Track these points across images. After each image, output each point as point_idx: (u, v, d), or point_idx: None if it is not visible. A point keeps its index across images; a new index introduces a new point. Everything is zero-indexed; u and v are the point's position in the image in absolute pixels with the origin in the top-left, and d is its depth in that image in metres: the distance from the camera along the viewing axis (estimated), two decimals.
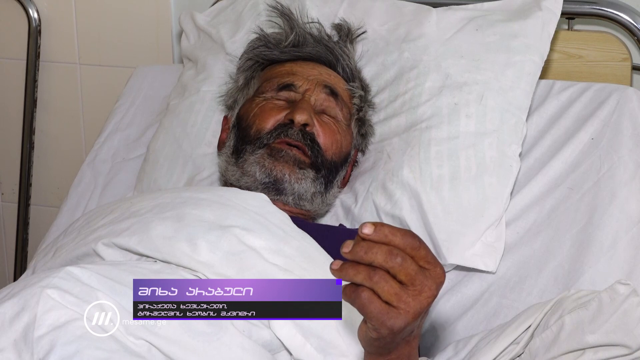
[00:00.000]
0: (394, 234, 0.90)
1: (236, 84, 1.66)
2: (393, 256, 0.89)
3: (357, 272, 0.90)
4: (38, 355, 1.02)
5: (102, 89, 2.13)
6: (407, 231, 0.91)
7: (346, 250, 0.90)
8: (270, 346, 1.13)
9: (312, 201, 1.51)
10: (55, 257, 1.30)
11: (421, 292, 0.92)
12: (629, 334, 1.15)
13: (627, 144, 1.56)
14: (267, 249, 1.21)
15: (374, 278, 0.90)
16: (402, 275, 0.90)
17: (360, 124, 1.61)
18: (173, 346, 1.06)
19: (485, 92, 1.58)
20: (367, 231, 0.89)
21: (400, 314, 0.92)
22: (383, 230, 0.89)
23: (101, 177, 1.82)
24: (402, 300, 0.91)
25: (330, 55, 1.62)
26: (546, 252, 1.50)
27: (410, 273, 0.90)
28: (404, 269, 0.90)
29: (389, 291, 0.90)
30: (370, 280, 0.90)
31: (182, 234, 1.20)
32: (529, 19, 1.63)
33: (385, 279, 0.90)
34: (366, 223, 0.89)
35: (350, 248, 0.90)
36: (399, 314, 0.92)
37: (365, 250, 0.89)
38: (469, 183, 1.52)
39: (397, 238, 0.90)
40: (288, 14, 1.65)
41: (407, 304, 0.91)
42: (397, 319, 0.92)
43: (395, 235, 0.90)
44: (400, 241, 0.90)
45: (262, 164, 1.47)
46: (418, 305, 0.92)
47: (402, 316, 0.92)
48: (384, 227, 0.89)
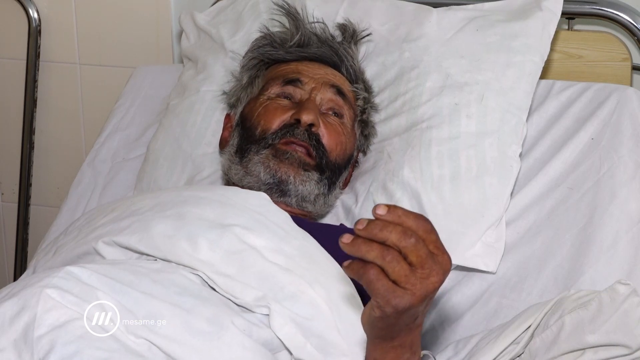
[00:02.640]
0: (407, 216, 0.90)
1: (240, 83, 1.65)
2: (407, 236, 0.90)
3: (370, 249, 0.90)
4: (38, 355, 1.02)
5: (102, 89, 2.13)
6: (420, 215, 0.92)
7: (360, 227, 0.90)
8: (271, 345, 1.13)
9: (315, 203, 1.51)
10: (56, 256, 1.30)
11: (429, 276, 0.92)
12: (629, 334, 1.15)
13: (627, 144, 1.56)
14: (267, 248, 1.21)
15: (387, 257, 0.90)
16: (413, 256, 0.91)
17: (363, 126, 1.61)
18: (173, 345, 1.06)
19: (485, 93, 1.58)
20: (381, 212, 0.89)
21: (407, 294, 0.92)
22: (397, 211, 0.90)
23: (101, 177, 1.82)
24: (409, 281, 0.92)
25: (335, 56, 1.62)
26: (546, 252, 1.50)
27: (421, 255, 0.91)
28: (415, 250, 0.91)
29: (399, 272, 0.91)
30: (383, 259, 0.90)
31: (183, 233, 1.20)
32: (530, 19, 1.63)
33: (398, 259, 0.91)
34: (379, 204, 0.90)
35: (365, 225, 0.90)
36: (405, 293, 0.92)
37: (380, 227, 0.89)
38: (470, 183, 1.52)
39: (410, 220, 0.91)
40: (294, 13, 1.65)
41: (414, 285, 0.92)
42: (402, 298, 0.92)
43: (409, 217, 0.91)
44: (413, 223, 0.91)
45: (267, 164, 1.47)
46: (424, 288, 0.93)
47: (407, 296, 0.92)
48: (397, 209, 0.90)
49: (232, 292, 1.16)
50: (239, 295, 1.15)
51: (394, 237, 0.90)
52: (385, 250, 0.90)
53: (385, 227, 0.90)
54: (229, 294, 1.16)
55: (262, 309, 1.14)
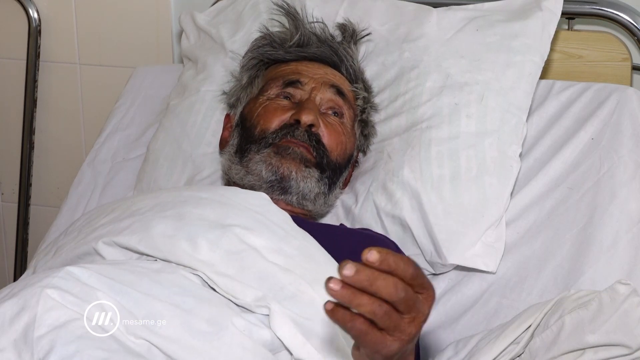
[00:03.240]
0: (397, 264, 0.87)
1: (239, 83, 1.65)
2: (398, 290, 0.87)
3: (362, 303, 0.87)
4: (38, 355, 1.02)
5: (102, 89, 2.13)
6: (408, 259, 0.89)
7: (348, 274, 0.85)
8: (271, 346, 1.13)
9: (315, 201, 1.51)
10: (56, 257, 1.30)
11: (415, 318, 0.91)
12: (629, 334, 1.15)
13: (627, 144, 1.56)
14: (267, 248, 1.21)
15: (379, 313, 0.88)
16: (402, 306, 0.89)
17: (363, 125, 1.61)
18: (173, 345, 1.06)
19: (485, 92, 1.58)
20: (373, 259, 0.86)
21: (395, 341, 0.91)
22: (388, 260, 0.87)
23: (101, 177, 1.82)
24: (398, 329, 0.90)
25: (335, 56, 1.62)
26: (546, 252, 1.50)
27: (410, 304, 0.89)
28: (405, 302, 0.88)
29: (390, 324, 0.89)
30: (374, 315, 0.88)
31: (183, 233, 1.20)
32: (530, 19, 1.63)
33: (389, 313, 0.89)
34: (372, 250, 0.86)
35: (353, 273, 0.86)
36: (394, 341, 0.91)
37: (370, 281, 0.86)
38: (470, 183, 1.52)
39: (400, 268, 0.88)
40: (294, 13, 1.64)
41: (402, 332, 0.91)
42: (392, 346, 0.91)
43: (399, 265, 0.88)
44: (402, 271, 0.88)
45: (269, 162, 1.47)
46: (414, 329, 0.91)
47: (397, 343, 0.91)
48: (388, 257, 0.87)
49: (232, 292, 1.15)
50: (239, 295, 1.15)
51: (384, 292, 0.87)
52: (378, 306, 0.87)
53: (375, 280, 0.86)
54: (229, 294, 1.15)
55: (262, 309, 1.14)
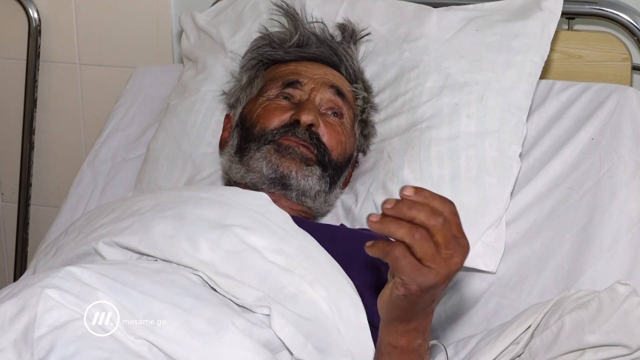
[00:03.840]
0: (433, 198, 0.92)
1: (239, 83, 1.65)
2: (435, 216, 0.91)
3: (399, 227, 0.91)
4: (38, 355, 1.02)
5: (102, 89, 2.13)
6: (446, 198, 0.93)
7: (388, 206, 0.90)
8: (271, 346, 1.13)
9: (315, 199, 1.51)
10: (56, 257, 1.30)
11: (452, 257, 0.94)
12: (629, 334, 1.15)
13: (627, 144, 1.56)
14: (267, 248, 1.21)
15: (416, 235, 0.91)
16: (440, 236, 0.92)
17: (363, 125, 1.61)
18: (174, 345, 1.06)
19: (485, 92, 1.58)
20: (408, 193, 0.91)
21: (432, 272, 0.94)
22: (424, 193, 0.92)
23: (101, 177, 1.82)
24: (435, 260, 0.93)
25: (334, 56, 1.62)
26: (546, 252, 1.51)
27: (447, 235, 0.93)
28: (442, 230, 0.92)
29: (427, 250, 0.92)
30: (412, 237, 0.91)
31: (183, 233, 1.20)
32: (529, 19, 1.63)
33: (426, 238, 0.92)
34: (407, 186, 0.91)
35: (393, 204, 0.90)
36: (430, 272, 0.94)
37: (409, 206, 0.90)
38: (470, 183, 1.52)
39: (436, 201, 0.92)
40: (293, 13, 1.64)
41: (439, 264, 0.94)
42: (427, 276, 0.94)
43: (435, 199, 0.92)
44: (439, 204, 0.92)
45: (269, 159, 1.47)
46: (448, 268, 0.94)
47: (432, 274, 0.94)
48: (424, 190, 0.92)
49: (233, 292, 1.15)
50: (240, 295, 1.15)
51: (422, 216, 0.91)
52: (414, 228, 0.91)
53: (414, 205, 0.91)
54: (229, 294, 1.15)
55: (262, 309, 1.14)
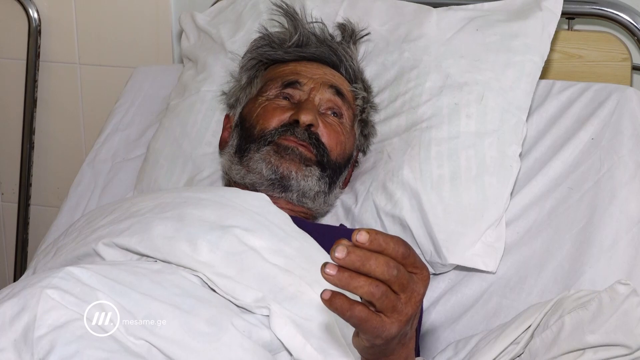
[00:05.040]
0: (387, 243, 0.87)
1: (239, 83, 1.65)
2: (390, 268, 0.87)
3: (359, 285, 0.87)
4: (38, 355, 1.02)
5: (102, 89, 2.13)
6: (398, 238, 0.89)
7: (340, 256, 0.85)
8: (271, 346, 1.13)
9: (315, 200, 1.51)
10: (56, 257, 1.30)
11: (411, 298, 0.91)
12: (629, 334, 1.15)
13: (627, 144, 1.56)
14: (267, 249, 1.21)
15: (377, 294, 0.87)
16: (396, 285, 0.88)
17: (363, 125, 1.62)
18: (173, 346, 1.06)
19: (485, 92, 1.58)
20: (362, 239, 0.86)
21: (394, 323, 0.91)
22: (378, 240, 0.87)
23: (101, 177, 1.82)
24: (396, 310, 0.90)
25: (334, 56, 1.62)
26: (546, 252, 1.50)
27: (404, 283, 0.89)
28: (398, 280, 0.88)
29: (388, 305, 0.89)
30: (372, 296, 0.87)
31: (183, 234, 1.20)
32: (529, 19, 1.63)
33: (386, 294, 0.88)
34: (361, 231, 0.86)
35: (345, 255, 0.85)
36: (393, 323, 0.91)
37: (362, 261, 0.86)
38: (469, 183, 1.52)
39: (390, 247, 0.88)
40: (292, 13, 1.65)
41: (400, 312, 0.90)
42: (391, 329, 0.91)
43: (389, 244, 0.88)
44: (392, 250, 0.88)
45: (269, 160, 1.47)
46: (410, 310, 0.91)
47: (395, 325, 0.91)
48: (378, 236, 0.87)
49: (232, 293, 1.15)
50: (239, 296, 1.15)
51: (378, 271, 0.86)
52: (374, 286, 0.87)
53: (368, 259, 0.86)
54: (229, 295, 1.15)
55: (262, 310, 1.14)
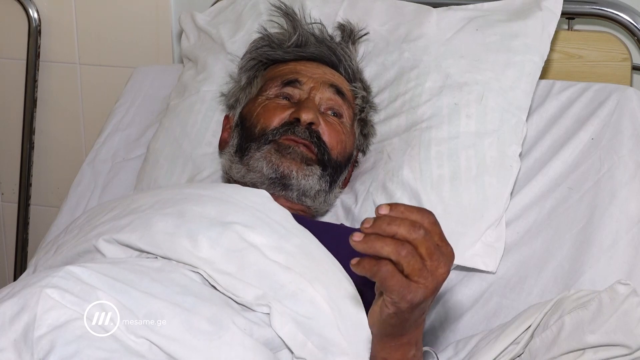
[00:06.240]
0: (410, 211, 0.91)
1: (238, 84, 1.66)
2: (416, 229, 0.90)
3: (385, 244, 0.89)
4: (38, 355, 1.02)
5: (102, 89, 2.13)
6: (423, 208, 0.92)
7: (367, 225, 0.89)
8: (272, 344, 1.13)
9: (315, 198, 1.51)
10: (57, 255, 1.30)
11: (437, 268, 0.93)
12: (629, 334, 1.15)
13: (627, 144, 1.56)
14: (267, 245, 1.21)
15: (402, 252, 0.90)
16: (423, 248, 0.91)
17: (362, 125, 1.62)
18: (174, 345, 1.06)
19: (485, 92, 1.58)
20: (383, 211, 0.89)
21: (420, 288, 0.93)
22: (399, 208, 0.90)
23: (101, 177, 1.82)
24: (422, 275, 0.92)
25: (333, 56, 1.62)
26: (546, 252, 1.50)
27: (430, 247, 0.91)
28: (425, 242, 0.91)
29: (414, 266, 0.91)
30: (398, 254, 0.90)
31: (183, 230, 1.20)
32: (529, 19, 1.63)
33: (412, 253, 0.90)
34: (381, 205, 0.90)
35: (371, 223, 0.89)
36: (419, 287, 0.93)
37: (387, 222, 0.89)
38: (469, 183, 1.52)
39: (414, 214, 0.91)
40: (291, 14, 1.65)
41: (426, 278, 0.93)
42: (416, 292, 0.93)
43: (412, 211, 0.91)
44: (417, 216, 0.91)
45: (269, 159, 1.47)
46: (435, 280, 0.93)
47: (421, 290, 0.93)
48: (399, 205, 0.90)
49: (233, 290, 1.15)
50: (240, 293, 1.15)
51: (403, 230, 0.89)
52: (400, 244, 0.90)
53: (393, 221, 0.89)
54: (229, 293, 1.15)
55: (262, 308, 1.14)
